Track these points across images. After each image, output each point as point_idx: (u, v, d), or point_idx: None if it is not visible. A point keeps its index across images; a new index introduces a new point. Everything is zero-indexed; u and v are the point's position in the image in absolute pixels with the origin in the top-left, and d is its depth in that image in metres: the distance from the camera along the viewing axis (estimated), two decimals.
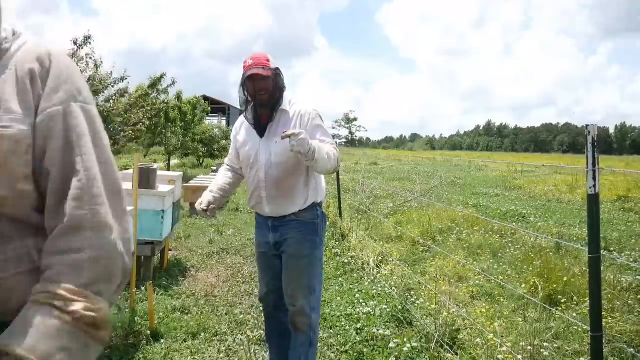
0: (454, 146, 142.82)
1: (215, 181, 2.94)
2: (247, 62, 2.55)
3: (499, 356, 3.15)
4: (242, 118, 2.82)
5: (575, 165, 17.61)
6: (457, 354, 3.28)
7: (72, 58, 9.37)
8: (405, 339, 3.57)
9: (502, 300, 4.57)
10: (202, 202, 2.76)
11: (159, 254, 5.75)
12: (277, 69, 2.59)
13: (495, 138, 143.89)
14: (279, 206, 2.68)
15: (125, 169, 7.15)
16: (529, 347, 3.24)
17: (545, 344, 3.31)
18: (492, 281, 5.13)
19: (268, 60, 2.56)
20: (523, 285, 4.89)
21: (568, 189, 14.86)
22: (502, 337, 3.55)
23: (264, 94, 2.55)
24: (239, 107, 2.81)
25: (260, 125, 2.67)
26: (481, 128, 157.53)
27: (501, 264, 5.83)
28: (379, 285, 4.93)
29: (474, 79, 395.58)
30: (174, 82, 14.55)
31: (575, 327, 3.67)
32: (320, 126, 2.65)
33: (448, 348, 3.34)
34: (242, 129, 2.82)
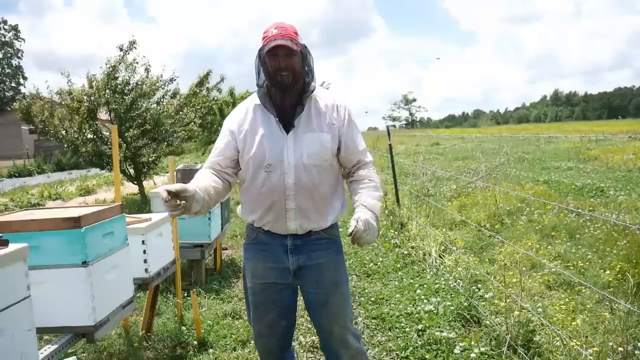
0: (520, 119, 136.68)
1: (196, 179, 2.09)
2: (270, 31, 2.00)
3: None
4: (244, 106, 2.18)
5: None
6: None
7: (119, 64, 9.47)
8: (472, 342, 3.17)
9: (583, 290, 4.04)
10: (172, 185, 1.86)
11: (212, 256, 5.60)
12: (307, 47, 2.07)
13: (564, 107, 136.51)
14: (310, 221, 2.11)
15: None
16: (619, 349, 2.76)
17: None
18: (571, 267, 4.60)
19: (296, 34, 2.03)
20: (607, 272, 4.32)
21: None
22: (587, 336, 3.07)
23: (287, 74, 1.99)
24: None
25: (285, 116, 2.08)
26: (548, 98, 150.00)
27: (580, 246, 5.24)
28: (442, 279, 4.52)
29: (539, 46, 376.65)
30: (222, 79, 14.53)
31: None
32: (355, 124, 2.18)
33: (522, 353, 2.91)
34: (248, 119, 2.12)
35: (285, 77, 1.99)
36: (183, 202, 1.85)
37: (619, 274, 4.20)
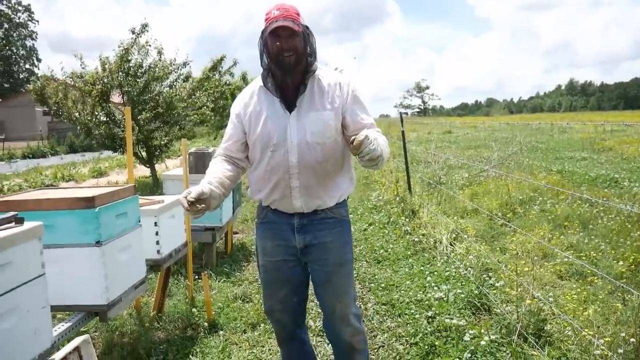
0: (533, 109, 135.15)
1: (210, 172, 2.15)
2: (272, 12, 2.01)
3: (596, 351, 2.68)
4: (250, 89, 2.21)
5: None
6: (543, 349, 2.84)
7: (131, 47, 9.47)
8: (482, 330, 3.17)
9: (595, 280, 4.01)
10: (190, 191, 1.93)
11: (222, 239, 5.63)
12: (308, 27, 2.07)
13: (579, 97, 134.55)
14: (314, 198, 2.13)
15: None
16: (632, 340, 2.74)
17: None
18: (583, 257, 4.56)
19: (298, 15, 2.03)
20: (621, 263, 4.28)
21: None
22: (598, 327, 3.05)
23: (290, 55, 2.00)
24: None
25: (288, 97, 2.09)
26: (563, 88, 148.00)
27: (592, 237, 5.20)
28: (452, 266, 4.51)
29: (556, 35, 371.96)
30: (235, 63, 14.51)
31: None
32: (360, 100, 2.15)
33: (533, 342, 2.90)
34: (253, 102, 2.15)
35: (288, 58, 2.01)
36: (203, 205, 1.94)
37: (633, 265, 4.16)
